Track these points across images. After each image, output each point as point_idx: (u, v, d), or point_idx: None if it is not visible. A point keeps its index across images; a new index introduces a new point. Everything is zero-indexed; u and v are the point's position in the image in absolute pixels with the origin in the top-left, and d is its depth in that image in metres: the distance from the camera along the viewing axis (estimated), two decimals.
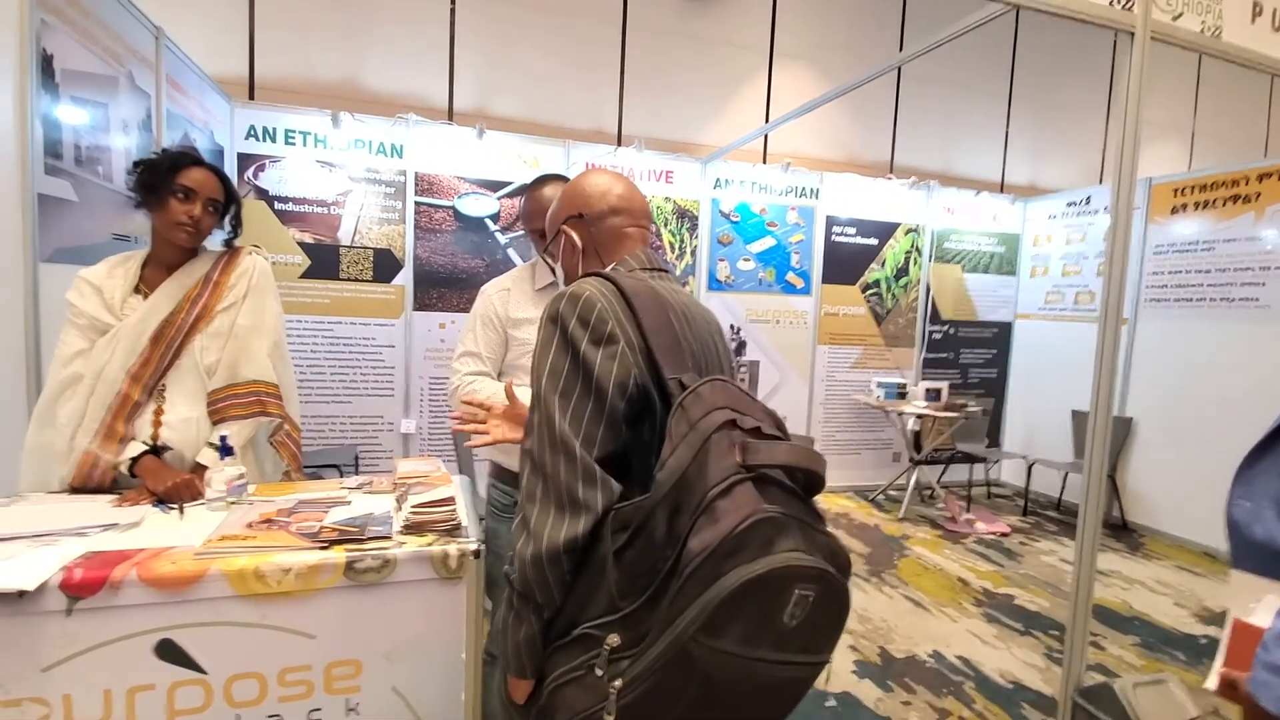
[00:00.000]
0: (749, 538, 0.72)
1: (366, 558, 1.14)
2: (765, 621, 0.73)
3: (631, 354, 0.88)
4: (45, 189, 1.87)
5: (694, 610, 0.71)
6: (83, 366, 1.41)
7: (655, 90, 4.66)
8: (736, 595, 0.70)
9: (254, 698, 1.11)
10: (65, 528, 1.19)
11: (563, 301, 0.91)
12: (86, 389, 1.40)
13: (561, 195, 1.13)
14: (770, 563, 0.71)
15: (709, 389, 0.84)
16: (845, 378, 4.98)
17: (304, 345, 3.80)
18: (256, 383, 1.55)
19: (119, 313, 1.44)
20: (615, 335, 0.88)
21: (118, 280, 1.46)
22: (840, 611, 0.79)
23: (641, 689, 0.75)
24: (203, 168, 1.48)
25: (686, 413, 0.81)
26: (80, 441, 1.39)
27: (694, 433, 0.79)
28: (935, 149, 5.45)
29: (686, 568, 0.73)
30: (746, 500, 0.74)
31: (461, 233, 3.99)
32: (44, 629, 1.01)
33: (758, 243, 4.67)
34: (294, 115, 3.69)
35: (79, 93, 2.09)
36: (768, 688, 0.79)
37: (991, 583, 3.43)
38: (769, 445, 0.79)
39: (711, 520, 0.73)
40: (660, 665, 0.74)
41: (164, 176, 1.43)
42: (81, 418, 1.40)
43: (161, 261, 1.50)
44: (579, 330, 0.88)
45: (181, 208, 1.44)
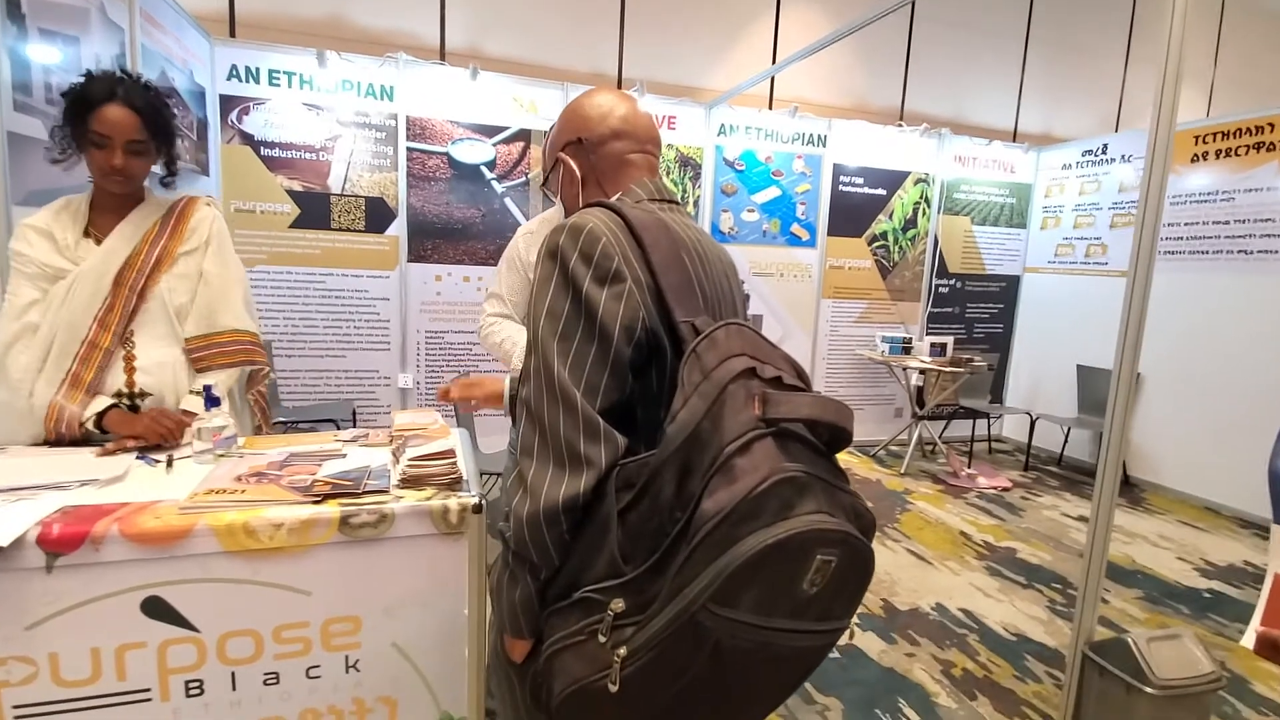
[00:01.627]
0: (768, 500, 0.65)
1: (362, 512, 1.08)
2: (782, 589, 0.67)
3: (639, 293, 0.80)
4: (14, 127, 1.75)
5: (706, 577, 0.65)
6: (38, 316, 1.34)
7: (657, 31, 4.45)
8: (753, 562, 0.64)
9: (249, 655, 1.07)
10: (43, 481, 1.13)
11: (563, 235, 0.82)
12: (45, 339, 1.33)
13: (559, 119, 1.03)
14: (791, 527, 0.65)
15: (725, 333, 0.76)
16: (849, 332, 4.90)
17: (295, 298, 3.70)
18: (237, 331, 1.50)
19: (74, 257, 1.36)
20: (621, 273, 0.79)
21: (66, 224, 1.38)
22: (863, 576, 0.72)
23: (647, 658, 0.69)
24: (116, 103, 1.31)
25: (700, 360, 0.73)
26: (42, 394, 1.32)
27: (708, 382, 0.71)
28: (947, 95, 5.25)
29: (699, 532, 0.66)
30: (766, 458, 0.67)
31: (456, 181, 3.85)
32: (24, 586, 0.96)
33: (763, 193, 4.53)
34: (278, 54, 3.51)
35: (47, 24, 1.95)
36: (781, 658, 0.73)
37: (993, 536, 3.43)
38: (791, 397, 0.72)
39: (728, 480, 0.66)
40: (668, 634, 0.68)
41: (79, 120, 1.31)
42: (40, 368, 1.33)
43: (106, 205, 1.41)
44: (581, 267, 0.79)
45: (100, 156, 1.32)
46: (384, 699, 1.16)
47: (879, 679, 2.17)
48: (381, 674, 1.15)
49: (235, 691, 1.07)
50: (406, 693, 1.17)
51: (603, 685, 0.71)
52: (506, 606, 0.82)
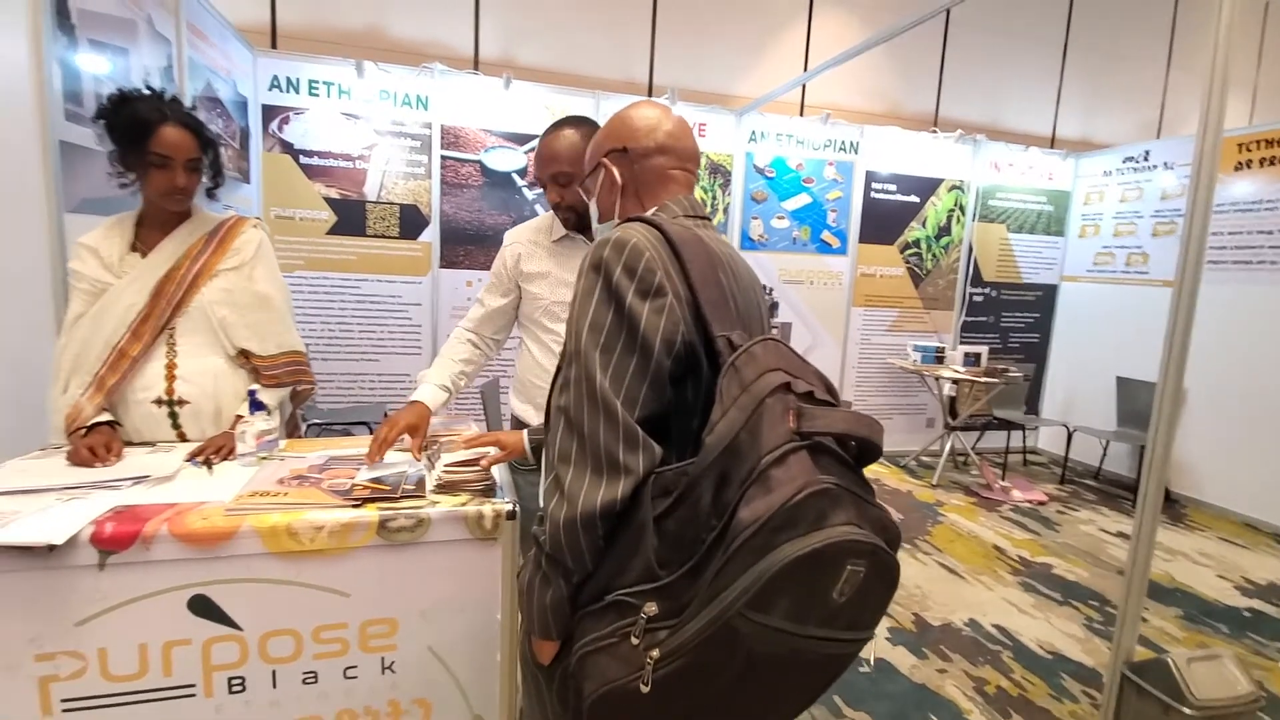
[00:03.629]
0: (803, 510, 0.67)
1: (400, 517, 1.10)
2: (815, 597, 0.69)
3: (679, 308, 0.81)
4: (67, 136, 1.82)
5: (742, 583, 0.67)
6: (84, 328, 1.40)
7: (689, 39, 4.46)
8: (788, 570, 0.66)
9: (289, 654, 1.10)
10: (98, 480, 1.17)
11: (607, 248, 0.83)
12: (82, 345, 1.39)
13: (606, 125, 1.05)
14: (825, 537, 0.67)
15: (762, 349, 0.78)
16: (880, 341, 4.84)
17: (331, 303, 3.78)
18: (292, 352, 1.57)
19: (118, 271, 1.42)
20: (663, 287, 0.81)
21: (114, 241, 1.44)
22: (889, 588, 0.75)
23: (680, 661, 0.71)
24: (172, 123, 1.37)
25: (739, 374, 0.75)
26: (72, 395, 1.37)
27: (746, 395, 0.73)
28: (983, 101, 5.16)
29: (735, 539, 0.68)
30: (801, 470, 0.69)
31: (488, 188, 3.89)
32: (76, 583, 1.00)
33: (793, 200, 4.50)
34: (317, 65, 3.59)
35: (97, 35, 2.02)
36: (810, 665, 0.76)
37: (1028, 551, 3.35)
38: (826, 412, 0.74)
39: (764, 490, 0.68)
40: (702, 638, 0.69)
41: (136, 144, 1.35)
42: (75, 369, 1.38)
43: (155, 221, 1.47)
44: (625, 280, 0.81)
45: (163, 177, 1.38)
46: (419, 701, 1.17)
47: (909, 694, 2.13)
48: (416, 676, 1.16)
49: (275, 690, 1.10)
50: (440, 696, 1.19)
51: (634, 687, 0.72)
52: (537, 608, 0.83)
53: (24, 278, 1.69)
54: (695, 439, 0.79)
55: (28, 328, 1.69)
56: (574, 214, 1.53)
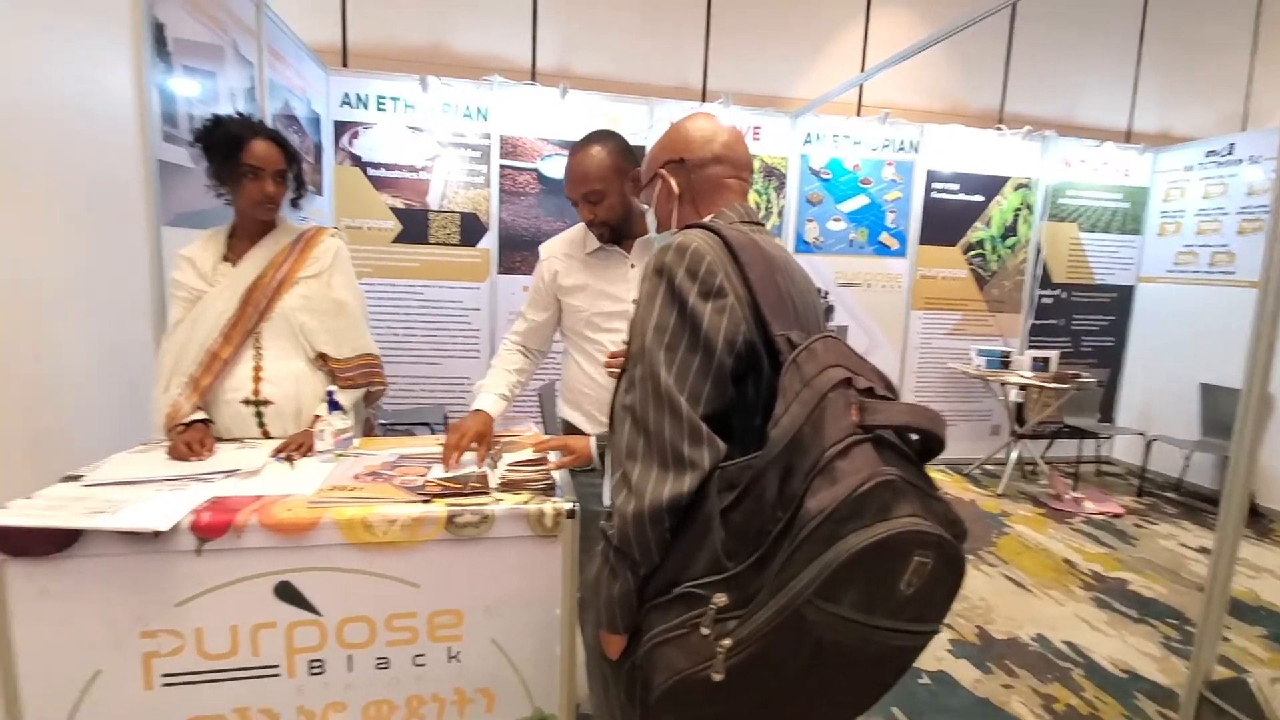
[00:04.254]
0: (868, 501, 0.68)
1: (466, 513, 1.15)
2: (882, 588, 0.70)
3: (740, 309, 0.84)
4: (164, 155, 1.97)
5: (810, 573, 0.68)
6: (183, 334, 1.51)
7: (742, 43, 4.45)
8: (855, 560, 0.67)
9: (364, 640, 1.16)
10: (192, 473, 1.26)
11: (669, 253, 0.86)
12: (180, 348, 1.50)
13: (663, 136, 1.08)
14: (891, 527, 0.68)
15: (822, 346, 0.80)
16: (941, 345, 4.69)
17: (396, 308, 3.93)
18: (366, 355, 1.66)
19: (211, 279, 1.53)
20: (724, 289, 0.84)
21: (209, 252, 1.56)
22: (956, 580, 0.74)
23: (751, 650, 0.73)
24: (261, 138, 1.49)
25: (800, 369, 0.77)
26: (172, 394, 1.49)
27: (808, 390, 0.75)
28: (1053, 95, 4.96)
29: (802, 530, 0.69)
30: (866, 462, 0.70)
31: (544, 195, 3.99)
32: (177, 567, 1.08)
33: (849, 201, 4.42)
34: (385, 81, 3.76)
35: (189, 61, 2.18)
36: (878, 656, 0.76)
37: (1102, 565, 3.19)
38: (887, 405, 0.75)
39: (830, 481, 0.70)
40: (772, 627, 0.71)
41: (230, 158, 1.47)
42: (175, 371, 1.50)
43: (245, 232, 1.58)
44: (687, 282, 0.84)
45: (254, 187, 1.49)
46: (482, 690, 1.22)
47: (972, 709, 2.07)
48: (480, 667, 1.21)
49: (351, 673, 1.16)
50: (503, 687, 1.23)
51: (705, 676, 0.74)
52: (604, 602, 0.86)
53: (128, 287, 1.83)
54: (757, 435, 0.81)
55: (131, 332, 1.84)
56: (607, 229, 1.55)
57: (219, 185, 1.53)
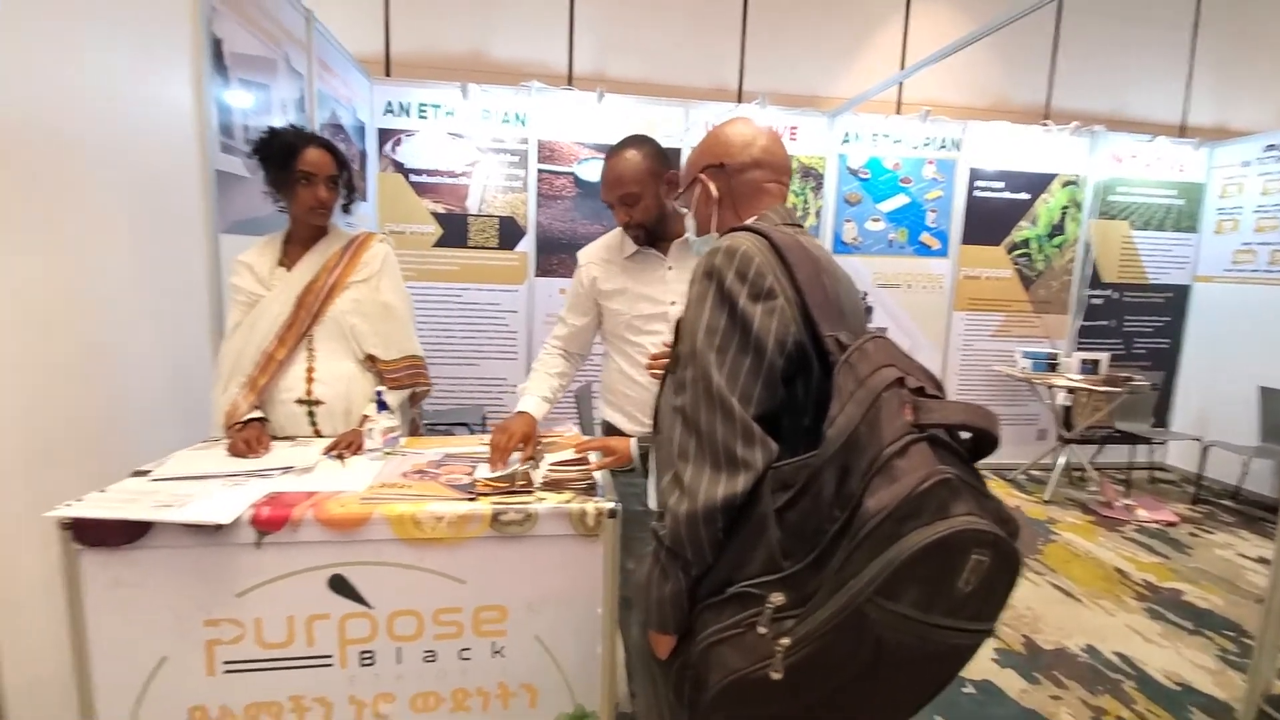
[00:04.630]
0: (927, 500, 0.69)
1: (510, 510, 1.18)
2: (941, 586, 0.70)
3: (790, 310, 0.85)
4: (222, 166, 2.05)
5: (871, 571, 0.69)
6: (241, 337, 1.58)
7: (779, 43, 4.43)
8: (916, 558, 0.67)
9: (412, 633, 1.19)
10: (251, 469, 1.32)
11: (718, 255, 0.87)
12: (238, 350, 1.57)
13: (703, 141, 1.09)
14: (950, 525, 0.68)
15: (874, 345, 0.81)
16: (985, 346, 4.58)
17: (435, 311, 4.01)
18: (412, 357, 1.70)
19: (268, 284, 1.60)
20: (774, 290, 0.85)
21: (265, 258, 1.63)
22: (1011, 578, 0.74)
23: (810, 649, 0.73)
24: (314, 146, 1.56)
25: (854, 369, 0.78)
26: (230, 393, 1.55)
27: (863, 390, 0.75)
28: (1101, 90, 4.80)
29: (863, 528, 0.69)
30: (924, 461, 0.70)
31: (581, 198, 4.02)
32: (238, 559, 1.13)
33: (889, 201, 4.36)
34: (426, 89, 3.84)
35: (245, 75, 2.27)
36: (935, 655, 0.76)
37: (1155, 575, 3.08)
38: (941, 404, 0.75)
39: (889, 480, 0.70)
40: (832, 625, 0.71)
41: (285, 166, 1.53)
42: (233, 371, 1.56)
43: (299, 238, 1.65)
44: (737, 285, 0.85)
45: (308, 193, 1.56)
46: (526, 686, 1.25)
47: (1018, 719, 2.02)
48: (524, 663, 1.24)
49: (400, 665, 1.20)
50: (546, 683, 1.25)
51: (763, 675, 0.75)
52: (655, 602, 0.86)
53: (188, 291, 1.92)
54: (806, 435, 0.81)
55: (190, 335, 1.92)
56: (643, 231, 1.57)
57: (275, 193, 1.59)
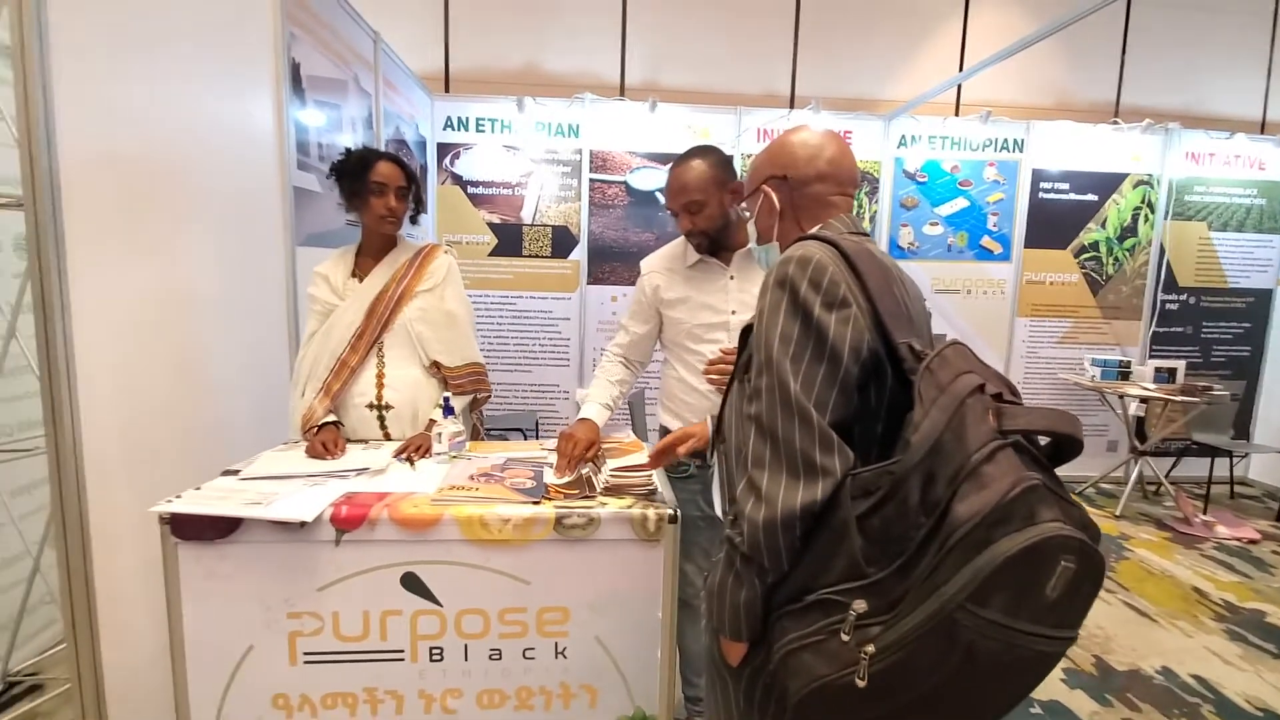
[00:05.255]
0: (1016, 506, 0.68)
1: (574, 514, 1.21)
2: (1028, 593, 0.69)
3: (863, 318, 0.85)
4: (298, 183, 2.17)
5: (963, 578, 0.68)
6: (317, 344, 1.67)
7: (832, 46, 4.38)
8: (1008, 564, 0.67)
9: (479, 632, 1.24)
10: (329, 470, 1.39)
11: (791, 265, 0.88)
12: (314, 354, 1.66)
13: (768, 150, 1.09)
14: (1040, 532, 0.67)
15: (953, 352, 0.80)
16: (1050, 354, 4.41)
17: (491, 319, 4.12)
18: (474, 364, 1.78)
19: (342, 294, 1.69)
20: (847, 299, 0.85)
21: (339, 269, 1.72)
22: (1096, 585, 0.72)
23: (897, 656, 0.73)
24: (385, 160, 1.66)
25: (935, 376, 0.77)
26: (307, 399, 1.64)
27: (946, 396, 0.75)
28: (1175, 85, 4.58)
29: (952, 535, 0.69)
30: (1012, 467, 0.70)
31: (633, 207, 4.07)
32: (319, 556, 1.20)
33: (947, 205, 4.25)
34: (483, 104, 3.97)
35: (319, 96, 2.39)
36: (1023, 661, 0.74)
37: (1235, 595, 2.91)
38: (1024, 410, 0.74)
39: (978, 486, 0.69)
40: (921, 633, 0.71)
41: (359, 178, 1.63)
42: (310, 377, 1.65)
43: (370, 250, 1.73)
44: (811, 294, 0.85)
45: (380, 202, 1.65)
46: (586, 686, 1.27)
47: None
48: (585, 663, 1.26)
49: (467, 662, 1.24)
50: (606, 684, 1.28)
51: (847, 682, 0.75)
52: (729, 609, 0.87)
53: (268, 301, 2.03)
54: (880, 442, 0.82)
55: (269, 341, 2.04)
56: (706, 238, 1.59)
57: (348, 205, 1.68)
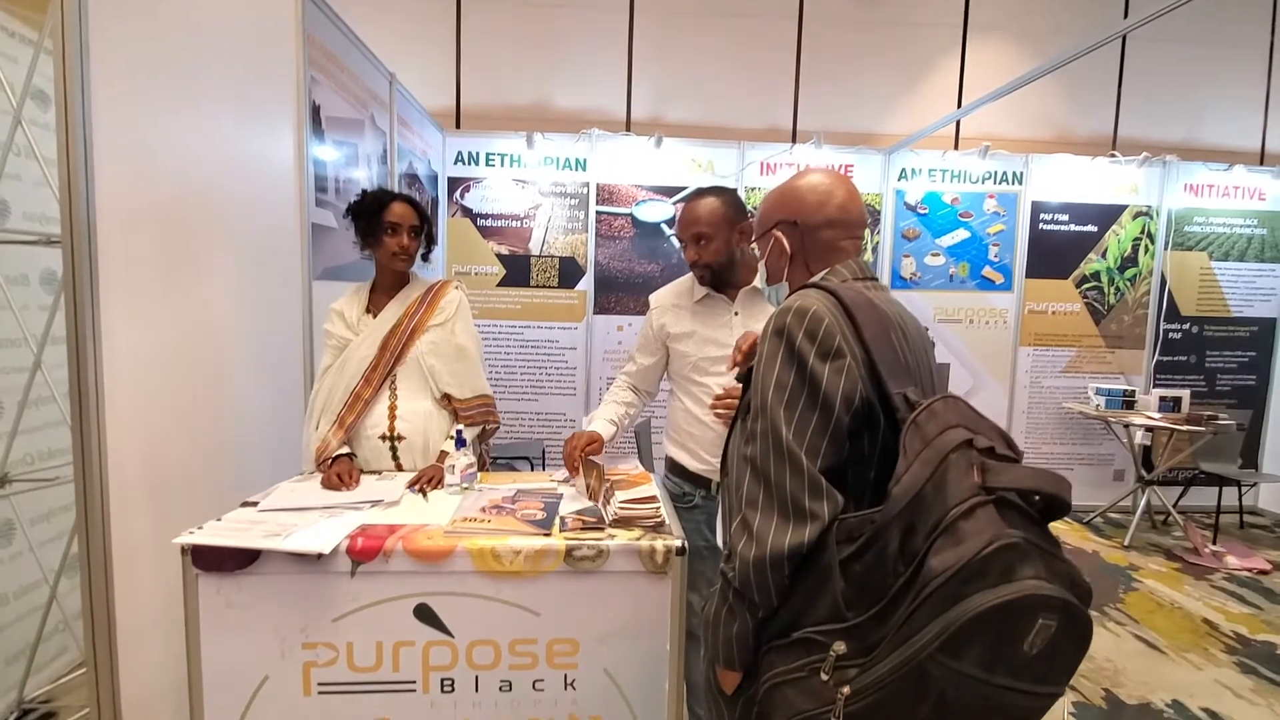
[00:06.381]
0: (992, 562, 0.70)
1: (584, 546, 1.24)
2: (1005, 648, 0.70)
3: (857, 368, 0.88)
4: (316, 219, 2.24)
5: (933, 629, 0.70)
6: (331, 379, 1.72)
7: (833, 82, 4.50)
8: (979, 620, 0.68)
9: (490, 663, 1.26)
10: (344, 501, 1.42)
11: (789, 315, 0.91)
12: (328, 387, 1.71)
13: (779, 193, 1.11)
14: (1016, 589, 0.69)
15: (943, 405, 0.82)
16: (1054, 383, 4.43)
17: (499, 348, 4.18)
18: (483, 396, 1.83)
19: (356, 329, 1.75)
20: (842, 350, 0.88)
21: (354, 305, 1.78)
22: (1081, 644, 0.74)
23: (871, 699, 0.75)
24: (399, 200, 1.73)
25: (921, 429, 0.80)
26: (321, 431, 1.68)
27: (930, 450, 0.77)
28: (1172, 118, 4.67)
29: (926, 587, 0.71)
30: (989, 523, 0.72)
31: (639, 238, 4.15)
32: (335, 586, 1.23)
33: (949, 235, 4.32)
34: (494, 139, 4.08)
35: (338, 135, 2.48)
36: (1002, 712, 0.75)
37: (1246, 628, 2.88)
38: (1011, 468, 0.76)
39: (953, 541, 0.71)
40: (894, 678, 0.73)
41: (374, 218, 1.71)
42: (324, 410, 1.70)
43: (384, 287, 1.80)
44: (806, 344, 0.89)
45: (393, 241, 1.72)
46: (595, 718, 1.29)
47: None
48: (594, 695, 1.28)
49: (478, 693, 1.26)
50: (614, 716, 1.29)
51: (825, 718, 0.78)
52: (723, 640, 0.90)
53: (286, 333, 2.09)
54: (872, 488, 0.84)
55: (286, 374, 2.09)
56: (709, 271, 1.66)
57: (364, 245, 1.75)
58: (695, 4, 4.35)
